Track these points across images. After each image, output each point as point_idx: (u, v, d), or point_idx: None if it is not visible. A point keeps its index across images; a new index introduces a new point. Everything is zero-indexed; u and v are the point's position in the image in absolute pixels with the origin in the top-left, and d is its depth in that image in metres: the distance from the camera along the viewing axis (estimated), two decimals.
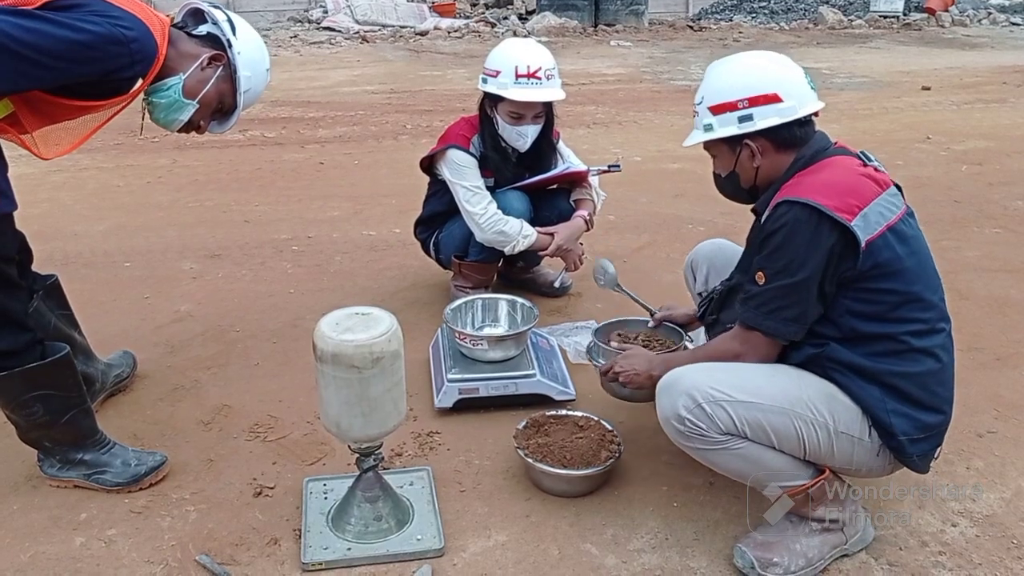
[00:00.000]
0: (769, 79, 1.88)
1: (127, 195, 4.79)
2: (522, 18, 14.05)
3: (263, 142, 6.03)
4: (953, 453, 2.29)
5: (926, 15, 14.49)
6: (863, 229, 1.73)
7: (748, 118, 1.88)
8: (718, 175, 2.05)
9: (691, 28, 13.39)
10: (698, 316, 2.26)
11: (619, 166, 3.29)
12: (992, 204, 4.65)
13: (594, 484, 2.16)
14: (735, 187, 2.01)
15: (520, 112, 2.92)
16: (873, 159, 1.89)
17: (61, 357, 2.04)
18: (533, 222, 3.06)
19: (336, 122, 6.68)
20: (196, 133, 2.15)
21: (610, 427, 2.27)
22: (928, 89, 8.17)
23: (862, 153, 1.91)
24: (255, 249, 3.91)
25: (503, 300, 2.86)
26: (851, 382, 1.80)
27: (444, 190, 3.09)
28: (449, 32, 12.60)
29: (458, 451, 2.35)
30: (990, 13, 15.18)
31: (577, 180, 3.22)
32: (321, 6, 13.83)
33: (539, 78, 2.86)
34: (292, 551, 1.96)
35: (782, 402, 1.77)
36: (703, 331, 2.33)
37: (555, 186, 3.25)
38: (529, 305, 2.76)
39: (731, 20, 14.40)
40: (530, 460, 2.14)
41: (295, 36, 12.08)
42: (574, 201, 3.21)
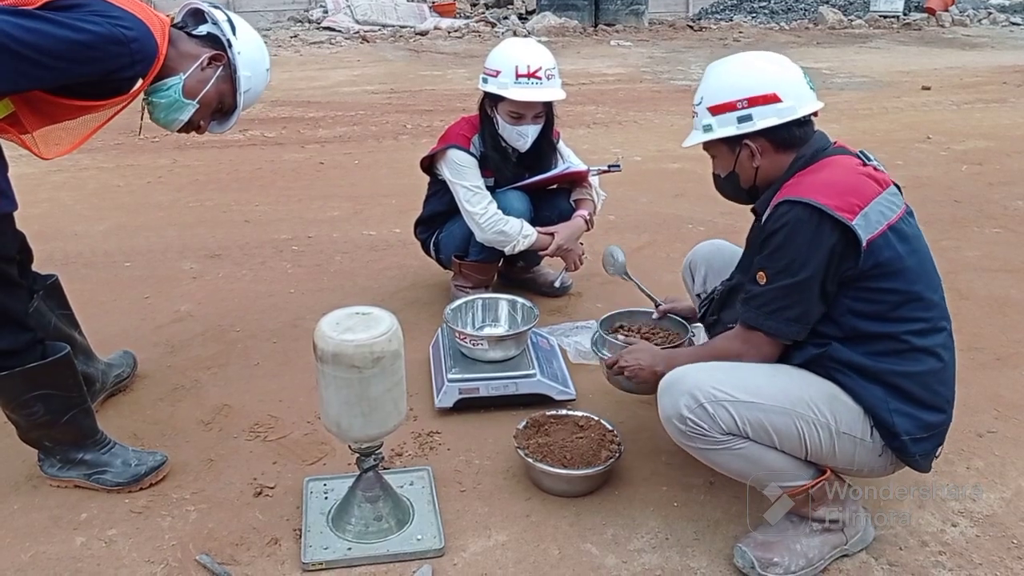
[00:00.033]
0: (768, 79, 1.88)
1: (127, 195, 4.79)
2: (522, 18, 14.06)
3: (263, 142, 6.03)
4: (953, 453, 2.29)
5: (926, 15, 14.49)
6: (864, 228, 1.73)
7: (747, 118, 1.88)
8: (717, 175, 2.05)
9: (691, 28, 13.39)
10: (699, 317, 2.26)
11: (619, 166, 3.29)
12: (992, 204, 4.65)
13: (594, 484, 2.16)
14: (735, 187, 2.02)
15: (520, 112, 2.92)
16: (872, 158, 1.90)
17: (61, 357, 2.04)
18: (533, 222, 3.06)
19: (336, 122, 6.67)
20: (196, 133, 2.15)
21: (610, 427, 2.27)
22: (928, 89, 8.17)
23: (861, 152, 1.91)
24: (255, 249, 3.91)
25: (503, 300, 2.86)
26: (853, 382, 1.80)
27: (444, 190, 3.09)
28: (449, 32, 12.60)
29: (458, 451, 2.35)
30: (990, 13, 15.18)
31: (577, 180, 3.22)
32: (321, 6, 13.83)
33: (539, 78, 2.86)
34: (292, 551, 1.96)
35: (784, 402, 1.77)
36: (700, 329, 2.33)
37: (555, 186, 3.25)
38: (529, 305, 2.76)
39: (731, 20, 14.40)
40: (530, 460, 2.14)
41: (295, 36, 12.08)
42: (574, 201, 3.21)
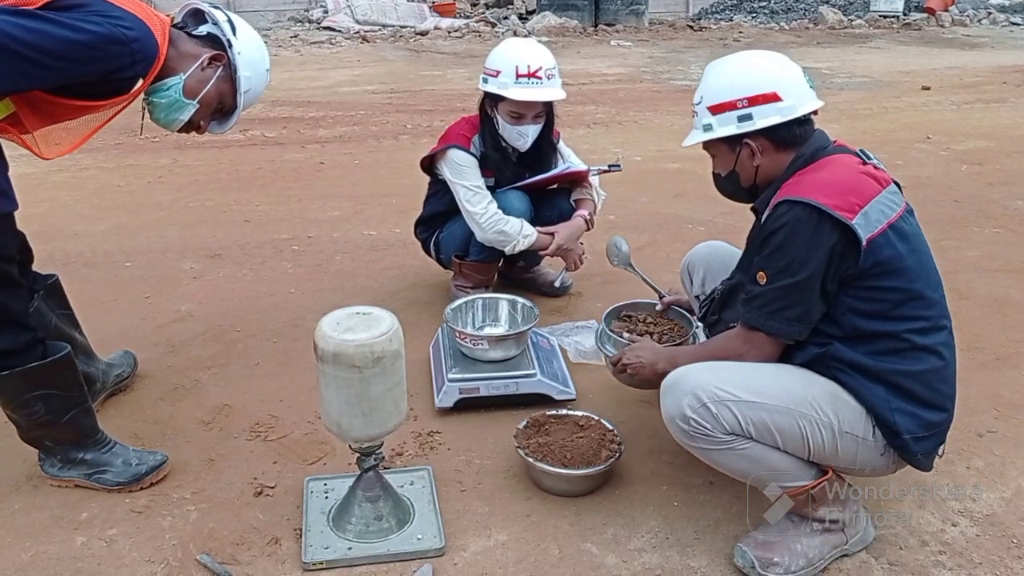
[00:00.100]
0: (768, 78, 1.88)
1: (128, 195, 4.79)
2: (522, 18, 14.05)
3: (263, 142, 6.03)
4: (953, 453, 2.29)
5: (926, 15, 14.48)
6: (864, 227, 1.73)
7: (747, 117, 1.88)
8: (718, 175, 2.05)
9: (691, 28, 13.39)
10: (699, 317, 2.26)
11: (619, 166, 3.29)
12: (992, 204, 4.65)
13: (594, 483, 2.16)
14: (735, 186, 2.02)
15: (520, 112, 2.92)
16: (872, 157, 1.89)
17: (62, 356, 2.04)
18: (533, 222, 3.06)
19: (336, 122, 6.67)
20: (196, 133, 2.15)
21: (610, 427, 2.27)
22: (928, 89, 8.17)
23: (861, 151, 1.91)
24: (256, 249, 3.91)
25: (503, 300, 2.86)
26: (855, 381, 1.80)
27: (444, 190, 3.09)
28: (449, 32, 12.59)
29: (458, 451, 2.35)
30: (990, 13, 15.17)
31: (577, 180, 3.22)
32: (321, 6, 13.83)
33: (539, 78, 2.86)
34: (293, 550, 1.96)
35: (787, 402, 1.77)
36: (700, 328, 2.33)
37: (555, 186, 3.25)
38: (529, 305, 2.76)
39: (731, 20, 14.40)
40: (531, 459, 2.14)
41: (295, 36, 12.08)
42: (574, 201, 3.21)
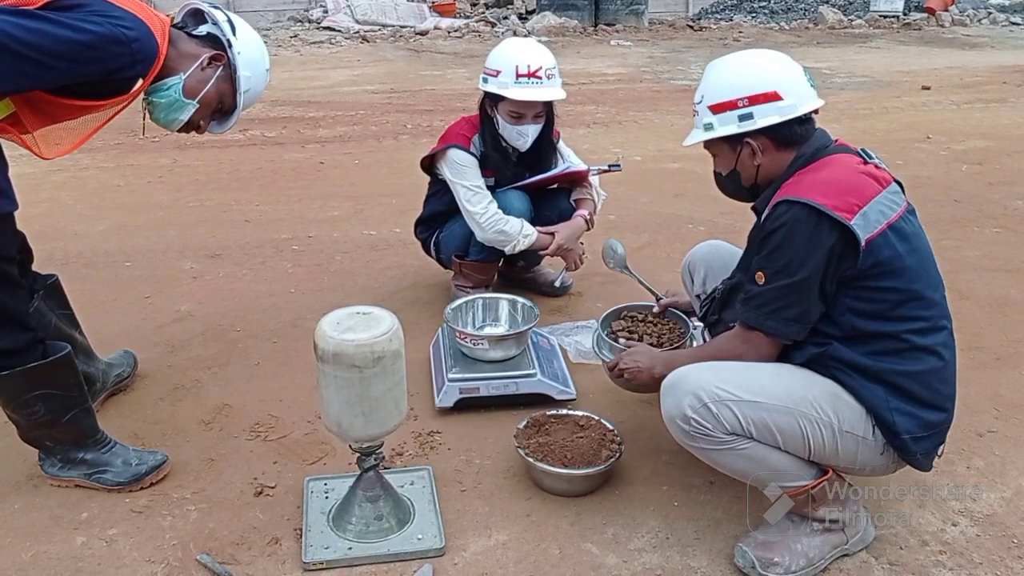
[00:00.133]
0: (768, 77, 1.88)
1: (128, 195, 4.79)
2: (522, 18, 14.06)
3: (263, 142, 6.03)
4: (954, 452, 2.29)
5: (926, 15, 14.49)
6: (863, 228, 1.73)
7: (748, 116, 1.87)
8: (719, 174, 2.05)
9: (691, 28, 13.39)
10: (699, 316, 2.26)
11: (619, 165, 3.29)
12: (992, 204, 4.65)
13: (595, 483, 2.16)
14: (736, 185, 2.01)
15: (520, 111, 2.92)
16: (873, 156, 1.89)
17: (62, 356, 2.04)
18: (534, 222, 3.06)
19: (336, 122, 6.67)
20: (196, 133, 2.15)
21: (611, 426, 2.27)
22: (928, 89, 8.17)
23: (862, 150, 1.91)
24: (256, 249, 3.91)
25: (504, 299, 2.86)
26: (855, 381, 1.80)
27: (444, 190, 3.09)
28: (449, 32, 12.59)
29: (459, 450, 2.35)
30: (990, 13, 15.17)
31: (577, 180, 3.22)
32: (321, 6, 13.83)
33: (539, 77, 2.86)
34: (293, 550, 1.96)
35: (787, 401, 1.77)
36: (700, 327, 2.32)
37: (555, 185, 3.25)
38: (530, 305, 2.76)
39: (731, 20, 14.40)
40: (531, 459, 2.14)
41: (295, 36, 12.08)
42: (575, 200, 3.21)
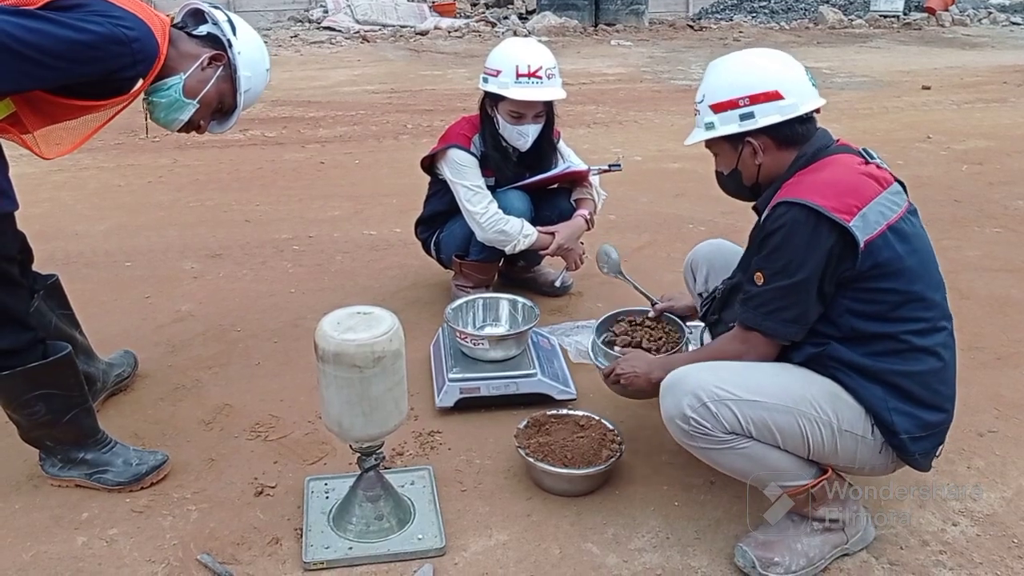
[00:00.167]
0: (770, 76, 1.88)
1: (128, 195, 4.79)
2: (522, 18, 14.06)
3: (264, 142, 6.03)
4: (954, 452, 2.29)
5: (926, 15, 14.49)
6: (862, 229, 1.73)
7: (749, 116, 1.87)
8: (720, 173, 2.05)
9: (691, 28, 13.39)
10: (700, 316, 2.26)
11: (620, 165, 3.29)
12: (992, 204, 4.65)
13: (595, 483, 2.16)
14: (737, 185, 2.01)
15: (521, 111, 2.92)
16: (875, 156, 1.89)
17: (63, 356, 2.04)
18: (534, 221, 3.06)
19: (337, 122, 6.67)
20: (196, 133, 2.15)
21: (611, 426, 2.27)
22: (928, 89, 8.17)
23: (864, 150, 1.91)
24: (256, 249, 3.91)
25: (504, 299, 2.86)
26: (853, 381, 1.80)
27: (445, 190, 3.09)
28: (449, 32, 12.60)
29: (459, 450, 2.35)
30: (990, 13, 15.18)
31: (578, 179, 3.22)
32: (321, 6, 13.83)
33: (540, 77, 2.86)
34: (293, 550, 1.96)
35: (786, 401, 1.77)
36: (700, 327, 2.32)
37: (556, 185, 3.25)
38: (530, 304, 2.76)
39: (731, 20, 14.40)
40: (531, 459, 2.14)
41: (295, 36, 12.08)
42: (575, 200, 3.21)
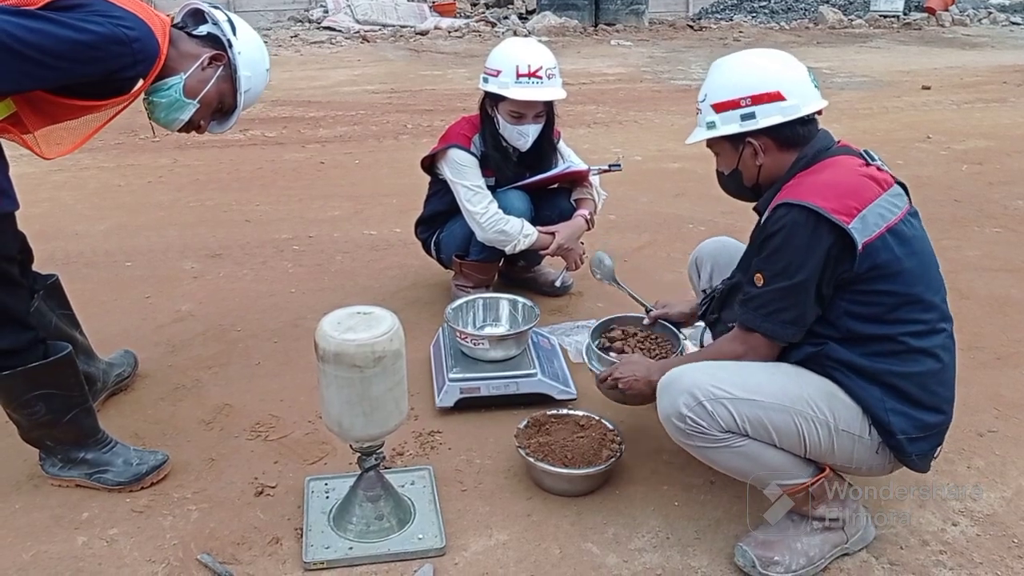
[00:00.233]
0: (772, 77, 1.88)
1: (128, 195, 4.79)
2: (522, 17, 14.06)
3: (264, 142, 6.03)
4: (954, 452, 2.29)
5: (926, 14, 14.50)
6: (860, 231, 1.73)
7: (751, 116, 1.88)
8: (721, 173, 2.05)
9: (691, 28, 13.39)
10: (700, 314, 2.26)
11: (620, 165, 3.29)
12: (992, 203, 4.65)
13: (595, 483, 2.16)
14: (738, 185, 2.01)
15: (521, 111, 2.92)
16: (876, 158, 1.89)
17: (63, 356, 2.04)
18: (534, 221, 3.07)
19: (337, 122, 6.67)
20: (196, 133, 2.15)
21: (611, 426, 2.27)
22: (928, 88, 8.17)
23: (865, 152, 1.91)
24: (256, 249, 3.91)
25: (504, 299, 2.86)
26: (851, 381, 1.80)
27: (445, 189, 3.09)
28: (449, 32, 12.60)
29: (459, 450, 2.35)
30: (990, 13, 15.18)
31: (578, 179, 3.22)
32: (321, 6, 13.83)
33: (540, 77, 2.86)
34: (294, 550, 1.96)
35: (783, 399, 1.77)
36: (701, 327, 2.33)
37: (556, 185, 3.25)
38: (530, 304, 2.76)
39: (731, 20, 14.40)
40: (531, 459, 2.14)
41: (295, 36, 12.08)
42: (575, 200, 3.21)
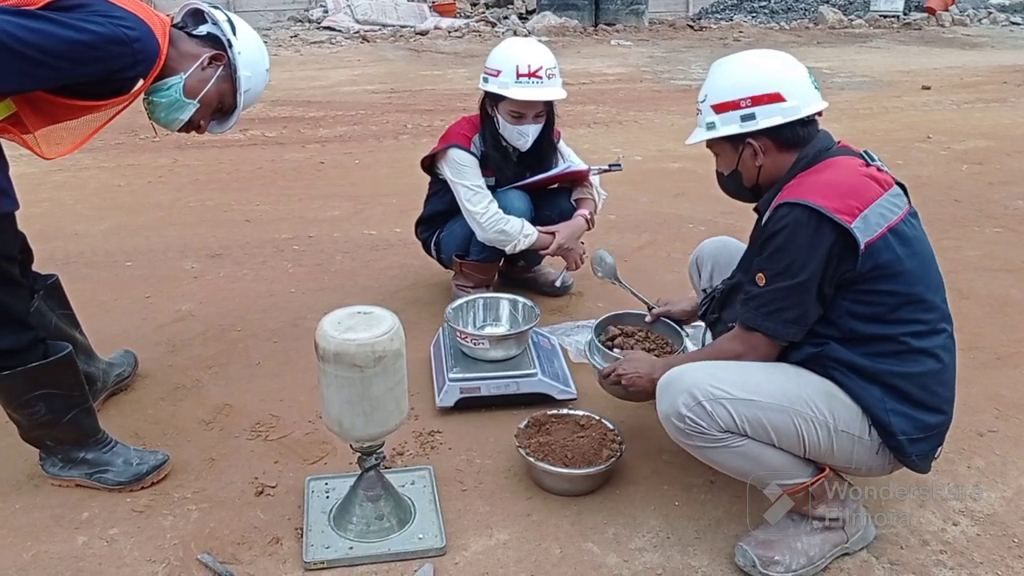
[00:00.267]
0: (772, 78, 1.88)
1: (128, 195, 4.79)
2: (522, 17, 14.06)
3: (264, 141, 6.03)
4: (954, 452, 2.29)
5: (926, 14, 14.50)
6: (863, 231, 1.73)
7: (751, 117, 1.87)
8: (721, 173, 2.05)
9: (691, 28, 13.40)
10: (700, 314, 2.26)
11: (620, 165, 3.29)
12: (992, 203, 4.65)
13: (595, 483, 2.16)
14: (738, 185, 2.02)
15: (521, 111, 2.92)
16: (876, 158, 1.89)
17: (63, 356, 2.04)
18: (534, 221, 3.07)
19: (337, 122, 6.67)
20: (196, 133, 2.15)
21: (611, 426, 2.27)
22: (928, 88, 8.17)
23: (865, 152, 1.91)
24: (256, 248, 3.91)
25: (504, 299, 2.86)
26: (851, 381, 1.80)
27: (445, 189, 3.09)
28: (449, 31, 12.60)
29: (459, 450, 2.35)
30: (990, 12, 15.19)
31: (578, 179, 3.22)
32: (321, 6, 13.83)
33: (540, 77, 2.86)
34: (294, 550, 1.96)
35: (782, 400, 1.77)
36: (701, 327, 2.33)
37: (556, 185, 3.25)
38: (530, 304, 2.76)
39: (731, 20, 14.40)
40: (531, 459, 2.14)
41: (295, 36, 12.08)
42: (575, 200, 3.21)
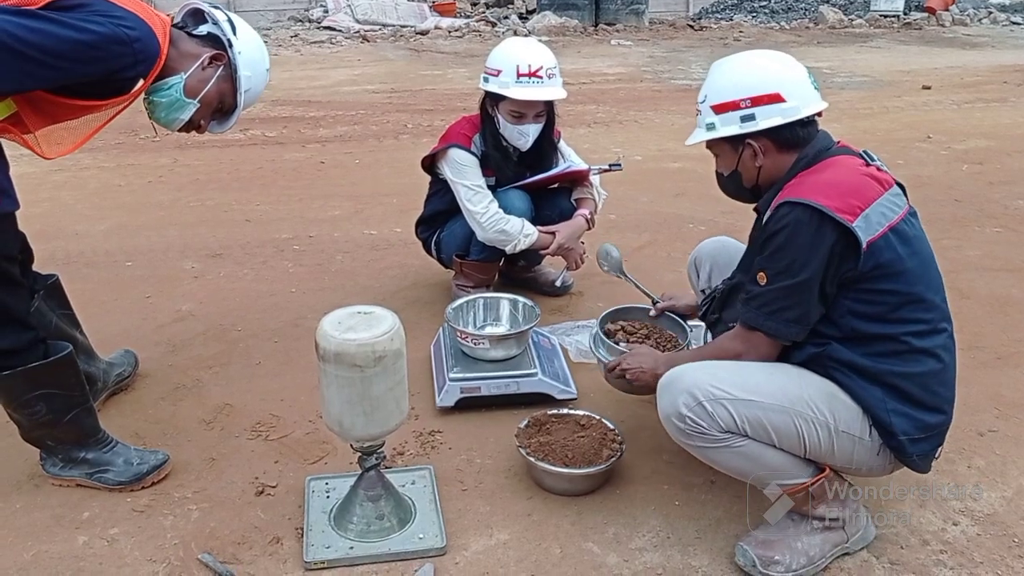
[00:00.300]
0: (772, 79, 1.88)
1: (128, 194, 4.79)
2: (523, 17, 14.07)
3: (264, 141, 6.03)
4: (954, 452, 2.29)
5: (927, 14, 14.50)
6: (864, 230, 1.73)
7: (750, 118, 1.87)
8: (720, 174, 2.05)
9: (691, 27, 13.40)
10: (700, 315, 2.26)
11: (620, 165, 3.29)
12: (993, 203, 4.65)
13: (596, 483, 2.16)
14: (737, 186, 2.02)
15: (521, 111, 2.92)
16: (876, 158, 1.89)
17: (64, 356, 2.04)
18: (534, 221, 3.07)
19: (337, 121, 6.68)
20: (196, 132, 2.15)
21: (612, 426, 2.28)
22: (929, 88, 8.17)
23: (865, 152, 1.91)
24: (256, 248, 3.91)
25: (504, 299, 2.86)
26: (852, 382, 1.80)
27: (445, 189, 3.09)
28: (449, 31, 12.61)
29: (460, 450, 2.35)
30: (990, 12, 15.19)
31: (578, 179, 3.22)
32: (321, 5, 13.83)
33: (540, 77, 2.86)
34: (294, 550, 1.96)
35: (783, 400, 1.77)
36: (702, 327, 2.33)
37: (556, 185, 3.25)
38: (531, 304, 2.76)
39: (731, 19, 14.41)
40: (532, 459, 2.14)
41: (295, 35, 12.09)
42: (575, 200, 3.21)
